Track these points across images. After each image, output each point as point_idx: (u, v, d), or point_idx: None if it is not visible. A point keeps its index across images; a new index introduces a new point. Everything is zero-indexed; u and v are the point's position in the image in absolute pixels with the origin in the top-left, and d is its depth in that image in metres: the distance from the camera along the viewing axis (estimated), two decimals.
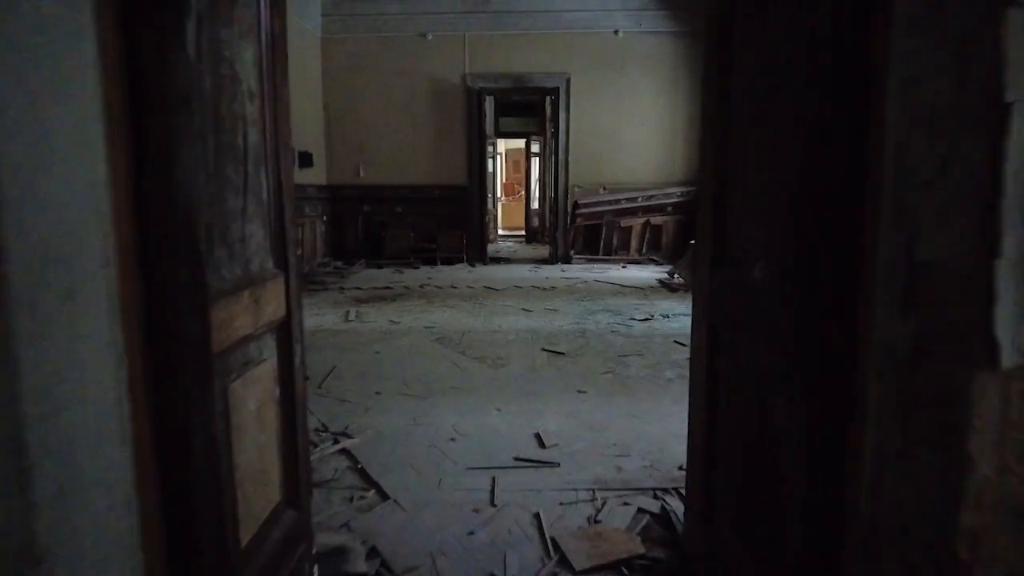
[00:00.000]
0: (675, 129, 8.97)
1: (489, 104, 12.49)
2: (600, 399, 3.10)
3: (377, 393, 3.20)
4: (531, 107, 13.21)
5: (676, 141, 8.99)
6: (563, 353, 3.98)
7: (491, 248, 11.23)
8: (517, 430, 2.70)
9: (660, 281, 7.16)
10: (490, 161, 12.99)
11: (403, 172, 9.09)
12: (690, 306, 4.89)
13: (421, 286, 6.87)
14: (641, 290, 6.60)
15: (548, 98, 12.19)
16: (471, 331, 4.63)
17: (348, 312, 5.35)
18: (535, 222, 13.35)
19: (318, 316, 5.23)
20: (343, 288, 6.72)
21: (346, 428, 2.76)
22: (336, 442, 2.62)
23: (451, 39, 8.89)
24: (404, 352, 4.03)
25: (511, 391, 3.23)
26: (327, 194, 8.99)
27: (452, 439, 2.61)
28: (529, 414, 2.89)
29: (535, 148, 13.70)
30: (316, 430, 2.74)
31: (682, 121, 8.95)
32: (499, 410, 2.94)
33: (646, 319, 5.03)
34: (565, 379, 3.44)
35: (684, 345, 4.16)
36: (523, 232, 13.80)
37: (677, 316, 5.14)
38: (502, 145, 17.11)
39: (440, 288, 6.74)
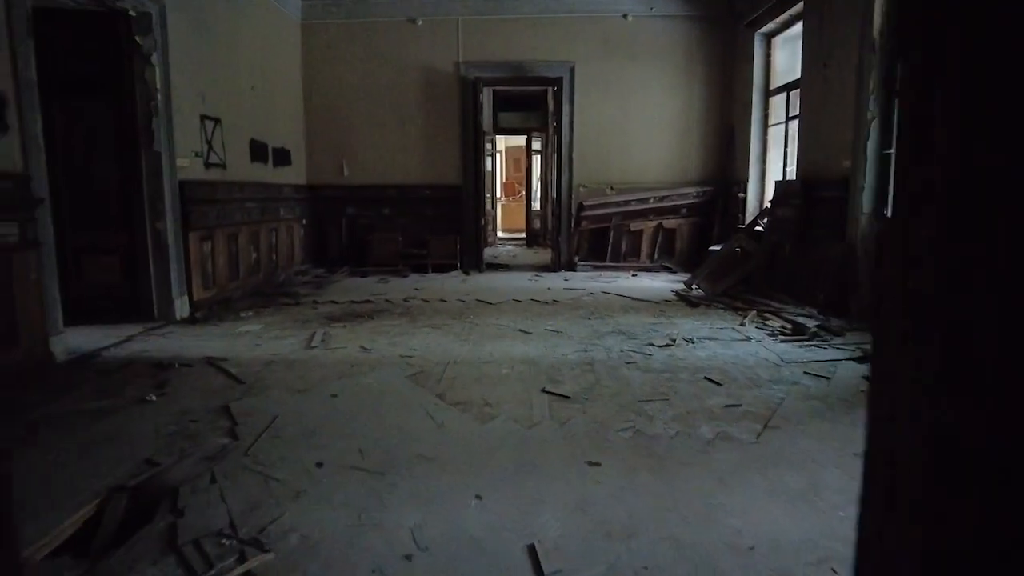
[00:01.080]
0: (690, 123, 8.14)
1: (487, 98, 11.70)
2: (619, 477, 2.28)
3: (319, 465, 2.39)
4: (532, 101, 12.42)
5: (691, 136, 8.16)
6: (568, 397, 3.16)
7: (489, 252, 10.43)
8: (503, 539, 1.88)
9: (677, 293, 6.34)
10: (489, 159, 12.21)
11: (391, 170, 8.29)
12: (715, 327, 4.02)
13: (406, 299, 6.06)
14: (656, 304, 5.79)
15: (551, 89, 11.39)
16: (456, 362, 3.81)
17: (314, 335, 4.54)
18: (536, 224, 12.55)
19: (278, 340, 4.42)
20: (316, 302, 5.91)
21: (263, 530, 1.95)
22: (242, 558, 1.81)
23: (443, 24, 8.08)
24: (368, 395, 3.22)
25: (499, 463, 2.41)
26: (307, 195, 8.19)
27: (408, 556, 1.79)
28: (521, 506, 2.07)
29: (536, 145, 12.89)
30: (220, 533, 1.93)
31: (698, 113, 8.13)
32: (480, 499, 2.12)
33: (667, 345, 4.21)
34: (572, 441, 2.62)
35: (718, 384, 3.35)
36: (524, 235, 12.99)
37: (703, 341, 4.33)
38: (502, 143, 16.34)
39: (427, 302, 5.93)
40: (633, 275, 7.74)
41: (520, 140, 14.37)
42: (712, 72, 8.07)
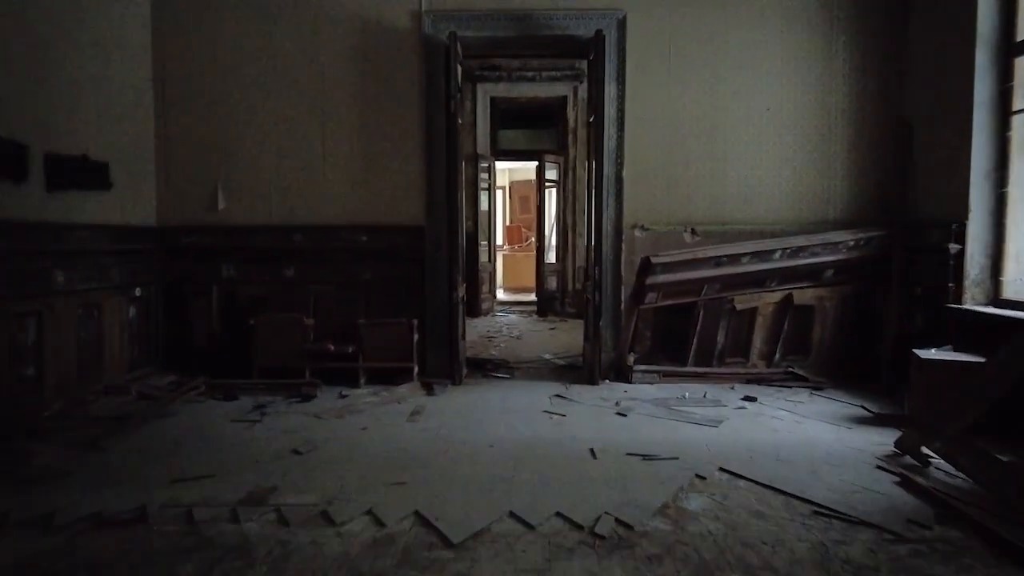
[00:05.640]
0: (831, 118, 4.58)
1: (481, 108, 8.28)
2: None
3: None
4: (544, 113, 8.99)
5: (834, 141, 4.59)
6: None
7: (481, 326, 6.78)
8: None
9: (904, 481, 2.61)
10: (485, 194, 8.74)
11: (300, 203, 4.73)
12: None
13: (236, 511, 2.36)
14: (895, 554, 2.07)
15: (587, 60, 7.98)
16: None
17: None
18: (552, 283, 8.91)
19: None
20: (4, 518, 2.24)
21: None
22: None
23: None
24: None
25: None
26: (152, 243, 4.62)
27: None
28: None
29: (551, 175, 9.32)
30: None
31: (847, 101, 4.57)
32: None
33: None
34: None
35: None
36: (534, 296, 9.37)
37: None
38: (504, 176, 12.92)
39: (284, 547, 2.24)
40: (742, 398, 4.04)
41: (529, 170, 10.93)
42: (869, 29, 4.55)
